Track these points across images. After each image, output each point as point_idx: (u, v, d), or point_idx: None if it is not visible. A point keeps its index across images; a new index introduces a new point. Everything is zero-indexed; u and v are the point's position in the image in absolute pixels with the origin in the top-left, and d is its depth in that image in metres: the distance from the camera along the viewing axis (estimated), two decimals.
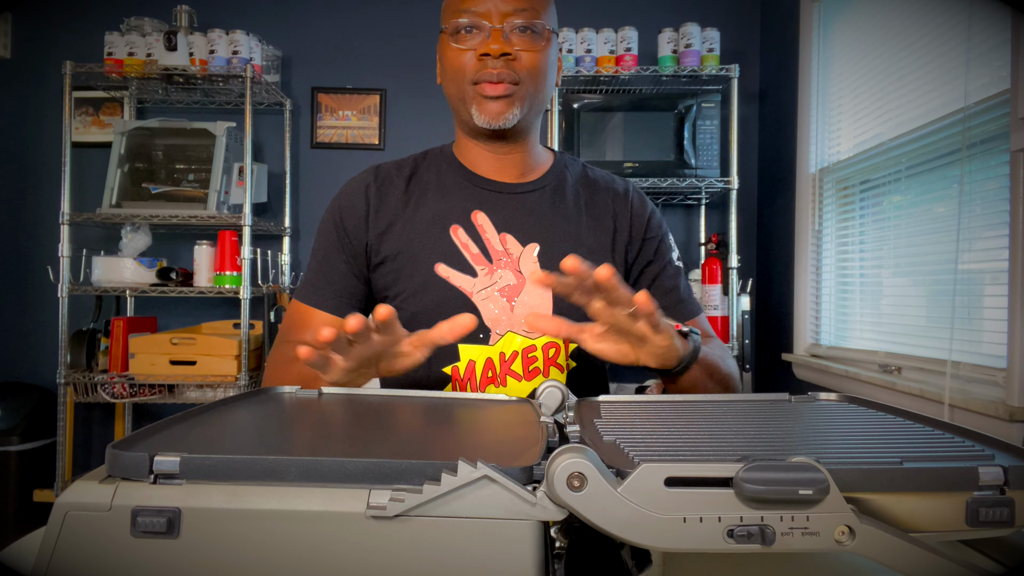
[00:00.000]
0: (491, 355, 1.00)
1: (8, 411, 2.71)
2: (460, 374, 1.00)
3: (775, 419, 0.59)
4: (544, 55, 1.00)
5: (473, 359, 1.00)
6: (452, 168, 1.09)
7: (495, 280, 1.01)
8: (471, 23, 0.98)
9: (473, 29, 0.98)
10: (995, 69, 1.56)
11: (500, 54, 0.96)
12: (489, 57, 0.96)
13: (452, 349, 1.00)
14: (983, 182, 1.62)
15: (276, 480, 0.43)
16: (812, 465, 0.39)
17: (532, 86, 1.00)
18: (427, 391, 0.74)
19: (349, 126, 3.02)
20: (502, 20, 0.97)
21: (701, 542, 0.39)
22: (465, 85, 1.00)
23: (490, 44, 0.96)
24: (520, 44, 0.98)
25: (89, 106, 2.97)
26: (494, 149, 1.07)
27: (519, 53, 0.98)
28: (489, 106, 0.99)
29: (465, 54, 0.99)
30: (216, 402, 0.63)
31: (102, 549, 0.41)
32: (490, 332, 1.00)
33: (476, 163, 1.08)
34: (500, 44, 0.96)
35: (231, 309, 2.94)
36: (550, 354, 1.02)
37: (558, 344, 1.03)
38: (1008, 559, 0.49)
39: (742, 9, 3.01)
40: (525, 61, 0.98)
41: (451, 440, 0.54)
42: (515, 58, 0.97)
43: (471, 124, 1.02)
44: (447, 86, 1.04)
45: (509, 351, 1.01)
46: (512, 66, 0.97)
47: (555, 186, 1.09)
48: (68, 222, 2.60)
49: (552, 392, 0.64)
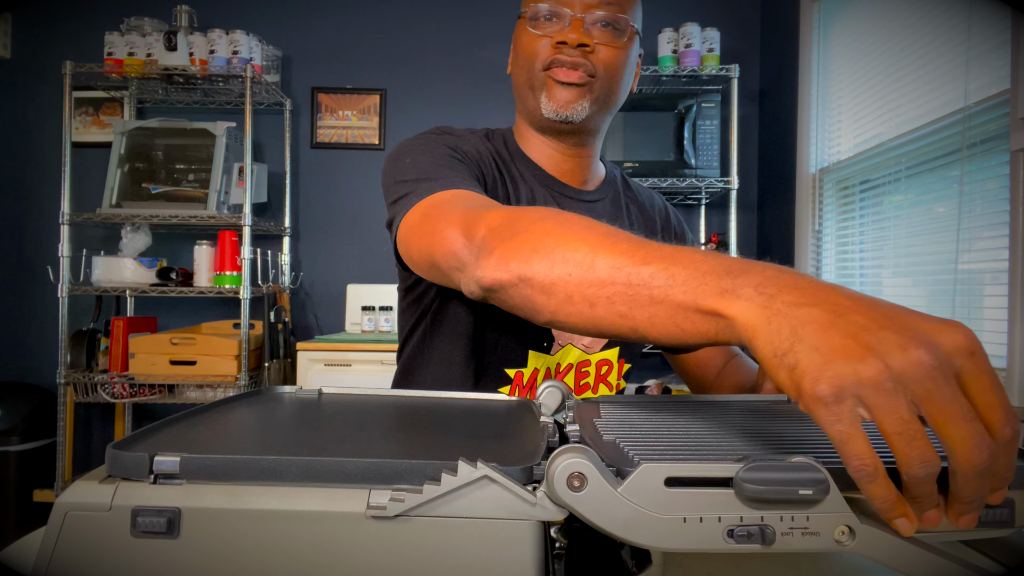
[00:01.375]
0: (550, 365, 0.99)
1: (8, 411, 2.71)
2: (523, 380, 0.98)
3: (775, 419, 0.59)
4: (624, 53, 0.94)
5: (537, 368, 0.98)
6: (524, 163, 1.01)
7: None
8: (552, 10, 0.92)
9: (553, 17, 0.92)
10: (995, 69, 1.56)
11: (577, 44, 0.91)
12: (565, 45, 0.91)
13: (522, 353, 0.97)
14: (983, 182, 1.62)
15: (276, 480, 0.43)
16: (812, 465, 0.39)
17: (607, 84, 0.94)
18: (426, 392, 0.74)
19: (349, 126, 3.02)
20: (585, 10, 0.91)
21: (701, 542, 0.39)
22: (536, 71, 0.94)
23: (568, 33, 0.91)
24: (600, 38, 0.92)
25: (89, 106, 2.97)
26: (560, 148, 1.00)
27: (597, 46, 0.92)
28: (559, 93, 0.93)
29: (540, 40, 0.93)
30: (216, 402, 0.63)
31: (102, 549, 0.41)
32: (553, 341, 0.98)
33: (542, 161, 1.01)
34: (579, 34, 0.90)
35: (231, 309, 2.94)
36: (602, 371, 1.01)
37: (612, 363, 1.02)
38: (1008, 559, 0.49)
39: (742, 9, 3.01)
40: (603, 55, 0.92)
41: (451, 440, 0.54)
42: (592, 51, 0.92)
43: (537, 115, 0.96)
44: (516, 72, 0.98)
45: (565, 363, 0.99)
46: (589, 58, 0.92)
47: (613, 197, 1.06)
48: (68, 222, 2.60)
49: (552, 392, 0.64)
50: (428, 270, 0.79)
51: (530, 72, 0.94)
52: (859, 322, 0.38)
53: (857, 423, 0.36)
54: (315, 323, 3.04)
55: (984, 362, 0.37)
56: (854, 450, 0.36)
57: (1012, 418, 0.37)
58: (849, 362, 0.36)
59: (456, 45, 3.03)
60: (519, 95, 0.99)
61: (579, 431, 0.52)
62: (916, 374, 0.36)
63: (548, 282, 0.56)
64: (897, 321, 0.38)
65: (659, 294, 0.48)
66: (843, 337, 0.38)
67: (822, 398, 0.36)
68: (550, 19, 0.92)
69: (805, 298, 0.41)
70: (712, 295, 0.45)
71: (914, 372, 0.36)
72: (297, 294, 3.03)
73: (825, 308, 0.39)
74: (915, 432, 0.36)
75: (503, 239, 0.62)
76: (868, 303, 0.40)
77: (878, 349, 0.37)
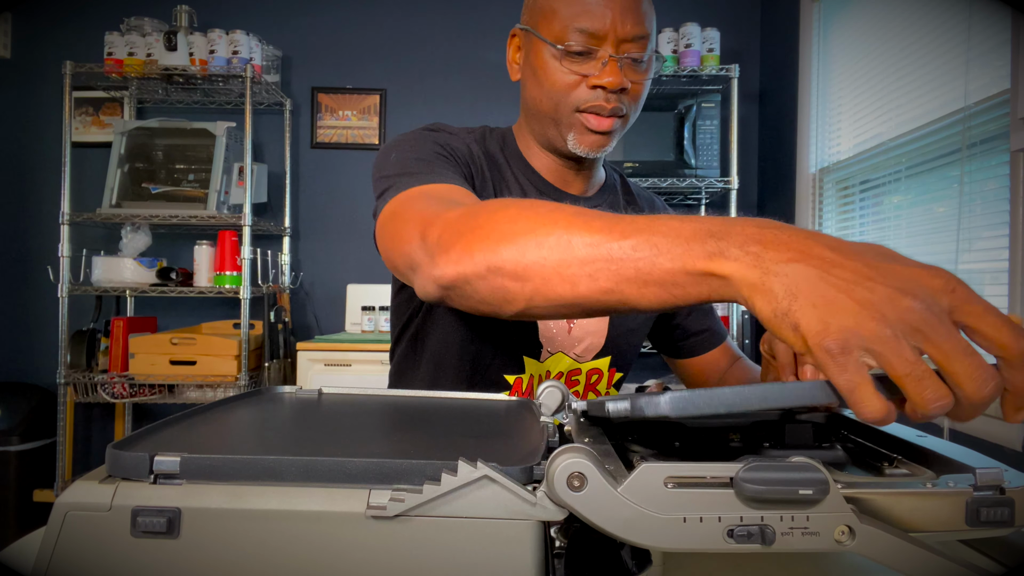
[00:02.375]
0: (540, 372, 0.98)
1: (8, 411, 2.71)
2: (523, 386, 0.98)
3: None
4: (648, 82, 0.93)
5: (532, 375, 0.98)
6: (521, 167, 1.00)
7: None
8: (585, 48, 0.87)
9: (586, 51, 0.88)
10: (995, 69, 1.56)
11: (617, 88, 0.88)
12: (604, 90, 0.88)
13: (517, 359, 0.97)
14: (983, 182, 1.62)
15: (276, 480, 0.43)
16: (812, 465, 0.39)
17: (634, 115, 0.94)
18: (426, 392, 0.74)
19: (349, 126, 3.02)
20: (620, 49, 0.87)
21: (701, 542, 0.39)
22: (567, 110, 0.91)
23: (605, 76, 0.87)
24: (632, 76, 0.89)
25: (89, 106, 2.97)
26: (569, 165, 0.99)
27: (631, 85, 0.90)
28: (591, 139, 0.91)
29: (572, 77, 0.89)
30: (216, 402, 0.63)
31: (102, 549, 0.41)
32: (542, 348, 0.98)
33: (543, 169, 1.00)
34: (617, 77, 0.87)
35: (231, 309, 2.94)
36: (592, 380, 1.01)
37: (603, 372, 1.02)
38: (1008, 559, 0.49)
39: (742, 9, 3.01)
40: (632, 92, 0.91)
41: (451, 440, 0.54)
42: (624, 88, 0.89)
43: (558, 144, 0.94)
44: (539, 99, 0.93)
45: (555, 371, 0.99)
46: (623, 99, 0.90)
47: (611, 202, 1.06)
48: (68, 222, 2.60)
49: (552, 392, 0.64)
50: (393, 269, 0.77)
51: (558, 107, 0.91)
52: (846, 276, 0.40)
53: (863, 371, 0.39)
54: (315, 323, 3.04)
55: (967, 292, 0.40)
56: (862, 396, 0.38)
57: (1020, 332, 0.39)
58: (848, 317, 0.39)
59: (456, 45, 3.03)
60: (538, 118, 0.95)
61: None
62: (911, 321, 0.38)
63: (521, 268, 0.54)
64: (881, 270, 0.40)
65: (645, 265, 0.48)
66: (836, 292, 0.40)
67: (830, 352, 0.39)
68: (582, 53, 0.88)
69: (790, 254, 0.42)
70: (701, 259, 0.45)
71: (909, 319, 0.38)
72: (297, 294, 3.03)
73: (811, 263, 0.41)
74: (923, 372, 0.38)
75: (462, 233, 0.60)
76: (849, 253, 0.42)
77: (871, 301, 0.39)
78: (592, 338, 0.99)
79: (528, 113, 0.97)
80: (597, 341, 0.99)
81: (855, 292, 0.39)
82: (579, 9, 0.86)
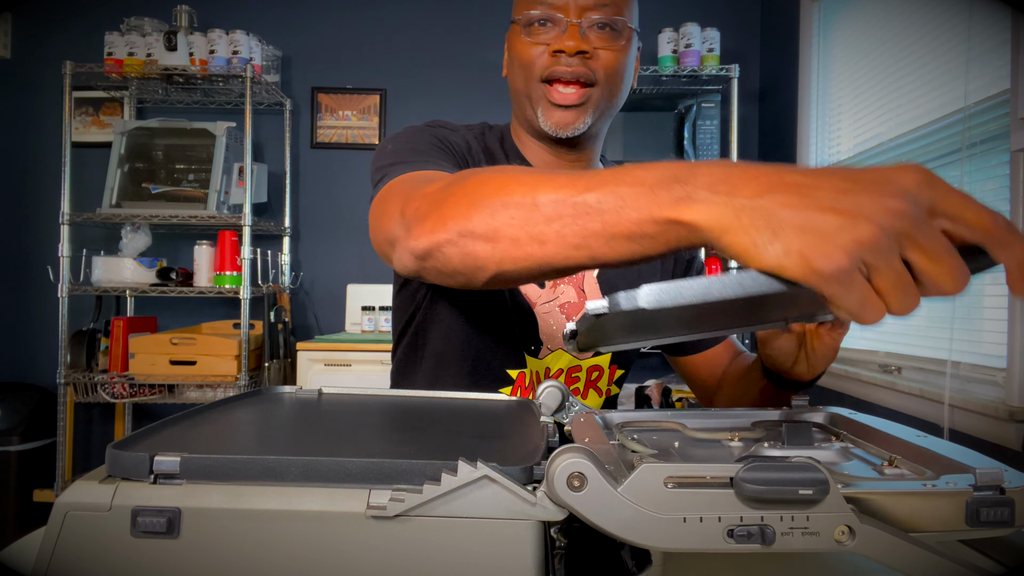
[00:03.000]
0: (538, 369, 0.98)
1: (8, 411, 2.71)
2: (525, 382, 0.98)
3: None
4: (624, 55, 0.92)
5: (536, 370, 0.98)
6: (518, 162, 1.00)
7: (557, 295, 0.98)
8: (546, 16, 0.89)
9: (548, 23, 0.89)
10: (995, 69, 1.56)
11: (576, 51, 0.88)
12: (563, 54, 0.88)
13: (519, 356, 0.97)
14: (983, 182, 1.62)
15: (276, 480, 0.43)
16: (812, 465, 0.39)
17: (607, 89, 0.92)
18: (426, 392, 0.74)
19: (349, 126, 3.02)
20: (580, 15, 0.88)
21: (701, 542, 0.39)
22: (534, 82, 0.91)
23: (565, 40, 0.88)
24: (598, 42, 0.89)
25: (89, 106, 2.97)
26: (558, 154, 0.98)
27: (596, 51, 0.89)
28: (557, 115, 0.91)
29: (536, 47, 0.90)
30: (216, 402, 0.63)
31: (102, 549, 0.41)
32: (542, 345, 0.97)
33: (538, 163, 1.00)
34: (576, 41, 0.87)
35: (231, 309, 2.94)
36: (592, 377, 1.01)
37: (603, 369, 1.01)
38: (1008, 559, 0.49)
39: (742, 9, 3.01)
40: (602, 60, 0.90)
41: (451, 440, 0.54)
42: (591, 56, 0.89)
43: (535, 126, 0.95)
44: (514, 79, 0.95)
45: (555, 368, 0.99)
46: (588, 64, 0.89)
47: None
48: (68, 222, 2.60)
49: (552, 392, 0.64)
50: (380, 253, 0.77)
51: (527, 81, 0.92)
52: (826, 196, 0.39)
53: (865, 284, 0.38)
54: (315, 323, 3.04)
55: (943, 183, 0.40)
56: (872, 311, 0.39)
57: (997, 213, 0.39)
58: (843, 231, 0.38)
59: (456, 45, 3.03)
60: (517, 100, 0.97)
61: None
62: (901, 224, 0.38)
63: (490, 230, 0.53)
64: (858, 182, 0.40)
65: (611, 218, 0.47)
66: (822, 212, 0.39)
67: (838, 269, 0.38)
68: (544, 25, 0.90)
69: (763, 187, 0.41)
70: (667, 206, 0.44)
71: (899, 222, 0.38)
72: (297, 294, 3.03)
73: (787, 192, 0.40)
74: (908, 283, 0.39)
75: (436, 203, 0.60)
76: (820, 176, 0.41)
77: (860, 212, 0.38)
78: None
79: (514, 100, 0.98)
80: None
81: (840, 207, 0.38)
82: None
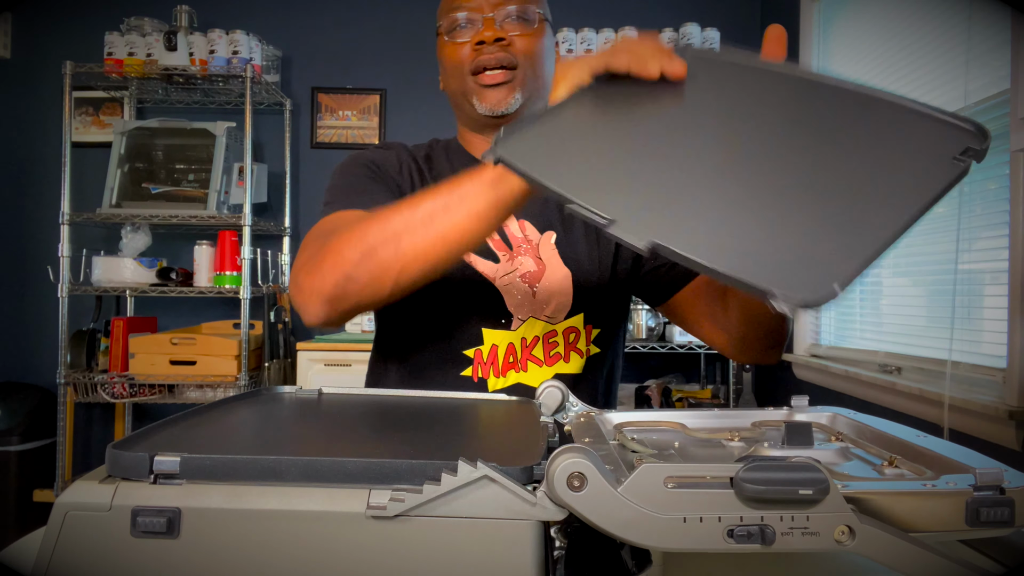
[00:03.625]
0: (513, 340, 1.01)
1: (8, 411, 2.71)
2: (483, 357, 1.01)
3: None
4: (539, 40, 1.02)
5: (496, 344, 1.01)
6: (462, 159, 1.09)
7: (516, 266, 1.02)
8: (465, 18, 1.01)
9: (467, 24, 1.01)
10: (995, 69, 1.56)
11: (495, 39, 0.99)
12: (485, 45, 0.99)
13: (476, 332, 1.00)
14: (983, 182, 1.62)
15: (276, 480, 0.43)
16: (812, 465, 0.39)
17: (530, 70, 1.02)
18: (426, 391, 0.74)
19: (349, 126, 3.02)
20: (494, 9, 1.00)
21: (701, 542, 0.39)
22: (465, 77, 1.02)
23: (484, 32, 0.99)
24: (513, 30, 1.00)
25: (89, 106, 2.97)
26: None
27: (513, 38, 1.00)
28: (489, 94, 1.01)
29: (462, 47, 1.01)
30: (216, 402, 0.63)
31: (102, 549, 0.41)
32: (512, 317, 1.01)
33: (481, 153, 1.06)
34: (494, 31, 0.99)
35: (231, 309, 2.93)
36: (571, 339, 1.03)
37: (579, 330, 1.03)
38: (1008, 559, 0.49)
39: (742, 9, 3.01)
40: (520, 45, 1.00)
41: (451, 440, 0.54)
42: (510, 43, 1.00)
43: (474, 116, 1.04)
44: (448, 83, 1.06)
45: (531, 336, 1.01)
46: (508, 50, 1.00)
47: None
48: (68, 222, 2.60)
49: (552, 392, 0.64)
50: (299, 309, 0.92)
51: (460, 79, 1.02)
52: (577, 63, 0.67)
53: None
54: None
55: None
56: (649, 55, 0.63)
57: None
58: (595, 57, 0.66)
59: None
60: (456, 104, 1.07)
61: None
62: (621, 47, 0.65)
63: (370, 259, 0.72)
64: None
65: (453, 206, 0.68)
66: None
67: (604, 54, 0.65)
68: (465, 27, 1.01)
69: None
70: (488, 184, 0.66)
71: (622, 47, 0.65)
72: None
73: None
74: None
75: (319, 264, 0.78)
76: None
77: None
78: (559, 298, 1.01)
79: (454, 106, 1.08)
80: (565, 300, 1.01)
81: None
82: None
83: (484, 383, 1.00)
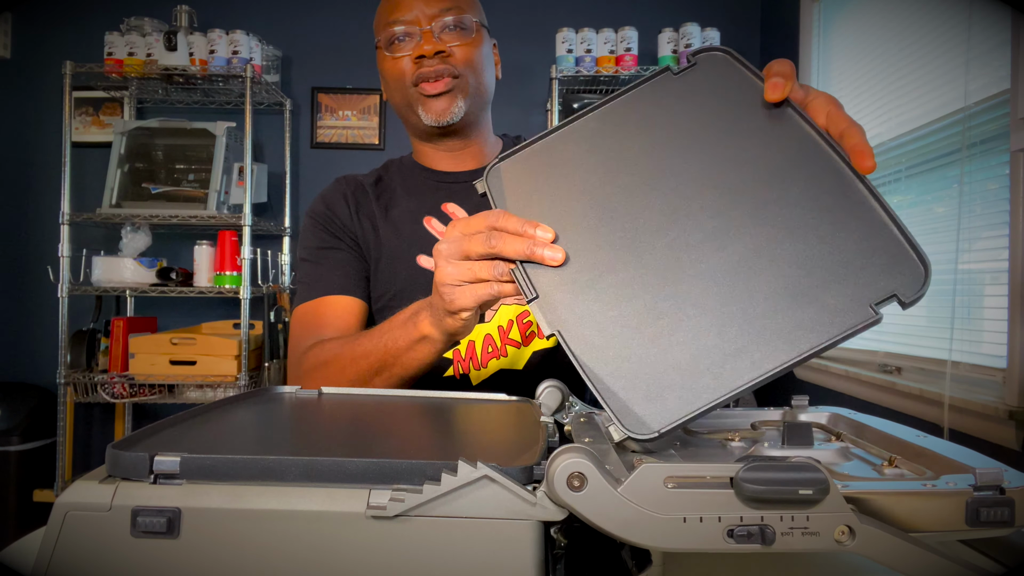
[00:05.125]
0: (490, 331, 1.02)
1: (8, 411, 2.71)
2: (462, 355, 1.02)
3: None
4: (477, 48, 1.04)
5: (472, 339, 1.02)
6: (415, 171, 1.13)
7: None
8: (403, 32, 1.02)
9: (405, 37, 1.02)
10: (995, 69, 1.56)
11: (435, 52, 1.00)
12: (424, 58, 1.00)
13: None
14: (983, 182, 1.62)
15: (276, 480, 0.43)
16: (812, 465, 0.39)
17: (473, 78, 1.04)
18: (427, 391, 0.74)
19: (349, 126, 3.02)
20: (430, 21, 1.01)
21: (701, 542, 0.39)
22: (407, 90, 1.03)
23: (423, 45, 1.00)
24: (452, 40, 1.02)
25: (89, 106, 2.97)
26: (450, 147, 1.10)
27: (452, 49, 1.02)
28: (433, 104, 1.03)
29: (402, 61, 1.03)
30: (216, 402, 0.63)
31: (102, 549, 0.41)
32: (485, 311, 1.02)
33: (436, 164, 1.12)
34: (432, 44, 1.00)
35: (231, 309, 2.93)
36: None
37: None
38: (1008, 559, 0.49)
39: (742, 9, 3.01)
40: (460, 55, 1.02)
41: (451, 440, 0.54)
42: (450, 54, 1.01)
43: (421, 127, 1.06)
44: (392, 96, 1.08)
45: (505, 321, 1.03)
46: (448, 62, 1.01)
47: None
48: (68, 222, 2.60)
49: (552, 392, 0.64)
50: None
51: (403, 92, 1.04)
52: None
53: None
54: None
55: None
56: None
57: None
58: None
59: None
60: (402, 115, 1.09)
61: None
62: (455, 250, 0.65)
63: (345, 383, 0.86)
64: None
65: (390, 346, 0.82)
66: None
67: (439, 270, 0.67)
68: (403, 40, 1.02)
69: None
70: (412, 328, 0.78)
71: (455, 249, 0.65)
72: None
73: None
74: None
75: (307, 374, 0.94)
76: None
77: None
78: None
79: (400, 117, 1.11)
80: None
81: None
82: (390, 6, 1.03)
83: (466, 378, 1.00)
